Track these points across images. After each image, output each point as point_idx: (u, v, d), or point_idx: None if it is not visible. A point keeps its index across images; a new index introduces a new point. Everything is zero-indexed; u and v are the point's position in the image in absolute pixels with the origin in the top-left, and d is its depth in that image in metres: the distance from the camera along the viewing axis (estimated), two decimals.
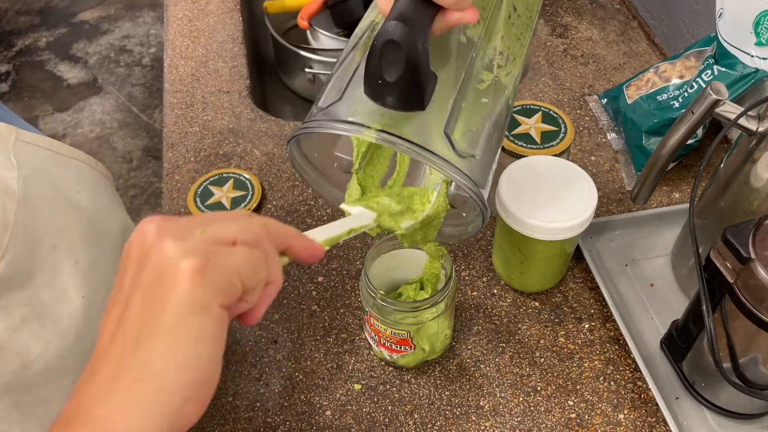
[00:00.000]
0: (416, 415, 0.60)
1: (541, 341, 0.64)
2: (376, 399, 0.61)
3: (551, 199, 0.60)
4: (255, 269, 0.33)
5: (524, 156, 0.64)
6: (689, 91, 0.74)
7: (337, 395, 0.61)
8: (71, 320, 0.43)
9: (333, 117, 0.43)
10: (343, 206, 0.48)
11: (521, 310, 0.67)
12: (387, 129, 0.41)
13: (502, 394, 0.61)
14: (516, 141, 0.66)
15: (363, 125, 0.42)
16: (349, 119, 0.42)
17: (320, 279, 0.70)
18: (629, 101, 0.79)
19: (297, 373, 0.63)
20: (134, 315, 0.31)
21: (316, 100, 0.46)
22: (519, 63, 0.50)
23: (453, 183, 0.52)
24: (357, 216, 0.46)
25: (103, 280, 0.47)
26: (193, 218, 0.34)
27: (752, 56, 0.70)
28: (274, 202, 0.77)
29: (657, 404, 0.58)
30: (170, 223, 0.33)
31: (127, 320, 0.32)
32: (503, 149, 0.66)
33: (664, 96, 0.76)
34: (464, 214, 0.54)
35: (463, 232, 0.53)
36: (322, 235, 0.41)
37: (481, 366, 0.63)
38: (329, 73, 1.01)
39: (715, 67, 0.73)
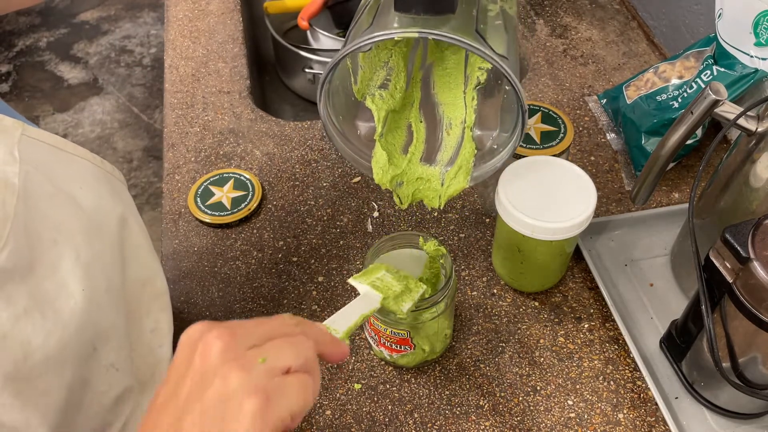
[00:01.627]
0: (416, 415, 0.60)
1: (541, 341, 0.64)
2: (376, 398, 0.61)
3: (551, 199, 0.60)
4: (306, 401, 0.37)
5: (524, 156, 0.64)
6: (689, 91, 0.75)
7: (337, 395, 0.61)
8: (72, 312, 0.44)
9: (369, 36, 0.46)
10: (351, 281, 0.52)
11: (521, 310, 0.67)
12: (426, 29, 0.45)
13: (502, 394, 0.61)
14: None
15: (402, 30, 0.45)
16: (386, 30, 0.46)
17: (320, 279, 0.70)
18: (629, 101, 0.80)
19: None
20: (190, 429, 0.34)
21: (342, 46, 0.49)
22: (514, 3, 0.56)
23: (476, 124, 0.56)
24: (365, 298, 0.50)
25: (103, 276, 0.47)
26: (251, 333, 0.37)
27: (751, 56, 0.70)
28: (274, 202, 0.77)
29: (656, 404, 0.59)
30: (234, 343, 0.36)
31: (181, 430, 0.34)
32: None
33: (664, 96, 0.77)
34: (495, 146, 0.56)
35: (497, 162, 0.55)
36: (342, 326, 0.46)
37: (481, 366, 0.63)
38: None
39: (714, 67, 0.73)
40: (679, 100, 0.75)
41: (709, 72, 0.73)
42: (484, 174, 0.56)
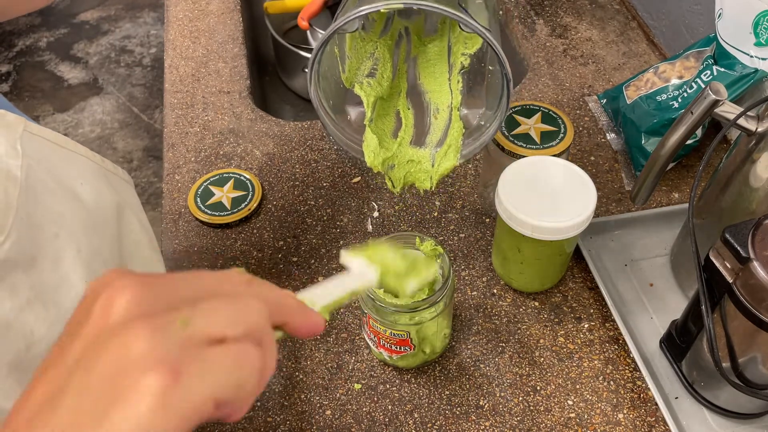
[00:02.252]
0: (416, 415, 0.60)
1: (541, 341, 0.64)
2: (376, 398, 0.61)
3: (551, 199, 0.60)
4: (242, 381, 0.27)
5: (524, 156, 0.64)
6: (688, 91, 0.75)
7: (337, 395, 0.61)
8: (73, 305, 0.45)
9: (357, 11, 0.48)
10: (343, 258, 0.43)
11: (521, 310, 0.67)
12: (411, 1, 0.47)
13: (502, 394, 0.61)
14: (516, 141, 0.66)
15: (387, 2, 0.47)
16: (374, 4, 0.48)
17: (320, 279, 0.70)
18: (629, 101, 0.80)
19: (297, 373, 0.63)
20: (68, 408, 0.25)
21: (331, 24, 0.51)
22: None
23: (462, 104, 0.57)
24: (358, 274, 0.41)
25: (103, 270, 0.48)
26: (176, 286, 0.28)
27: (751, 56, 0.70)
28: (274, 202, 0.77)
29: (656, 404, 0.59)
30: (147, 295, 0.27)
31: (57, 408, 0.25)
32: (502, 149, 0.66)
33: (664, 96, 0.77)
34: (483, 123, 0.57)
35: (485, 138, 0.56)
36: (321, 299, 0.36)
37: (481, 366, 0.63)
38: None
39: (714, 67, 0.73)
40: (679, 100, 0.75)
41: (709, 72, 0.73)
42: (472, 151, 0.57)
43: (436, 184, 0.58)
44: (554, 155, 0.64)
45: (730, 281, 0.50)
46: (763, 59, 0.70)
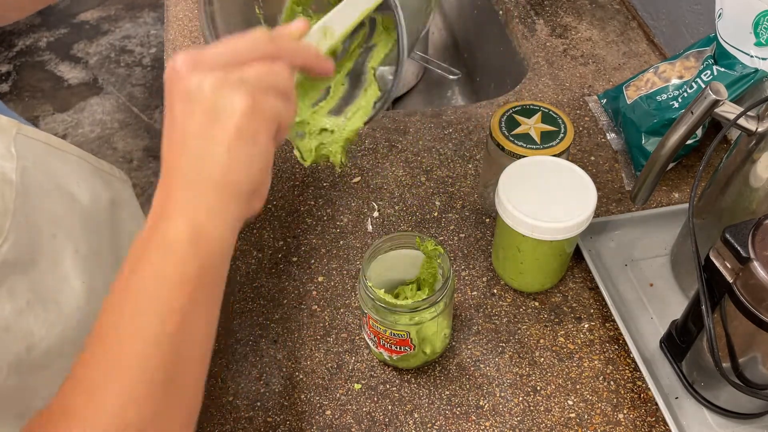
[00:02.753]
0: (416, 415, 0.60)
1: (541, 341, 0.64)
2: (376, 398, 0.61)
3: (551, 199, 0.60)
4: (286, 114, 0.41)
5: (524, 156, 0.64)
6: (689, 91, 0.75)
7: (337, 395, 0.61)
8: (73, 305, 0.45)
9: None
10: None
11: (521, 310, 0.67)
12: None
13: (502, 394, 0.61)
14: (516, 141, 0.66)
15: None
16: None
17: (320, 279, 0.70)
18: (629, 101, 0.80)
19: (297, 373, 0.63)
20: (196, 140, 0.39)
21: None
22: None
23: (381, 63, 0.57)
24: None
25: (100, 270, 0.48)
26: (220, 53, 0.40)
27: (751, 56, 0.70)
28: (275, 202, 0.77)
29: (656, 404, 0.59)
30: (199, 60, 0.39)
31: (189, 145, 0.39)
32: (503, 149, 0.66)
33: (664, 96, 0.77)
34: (390, 77, 0.57)
35: (388, 93, 0.55)
36: (339, 25, 0.44)
37: (481, 366, 0.63)
38: None
39: (714, 67, 0.73)
40: (679, 100, 0.75)
41: (709, 72, 0.73)
42: (378, 111, 0.56)
43: (344, 152, 0.56)
44: (554, 155, 0.64)
45: (730, 281, 0.50)
46: (763, 59, 0.70)
